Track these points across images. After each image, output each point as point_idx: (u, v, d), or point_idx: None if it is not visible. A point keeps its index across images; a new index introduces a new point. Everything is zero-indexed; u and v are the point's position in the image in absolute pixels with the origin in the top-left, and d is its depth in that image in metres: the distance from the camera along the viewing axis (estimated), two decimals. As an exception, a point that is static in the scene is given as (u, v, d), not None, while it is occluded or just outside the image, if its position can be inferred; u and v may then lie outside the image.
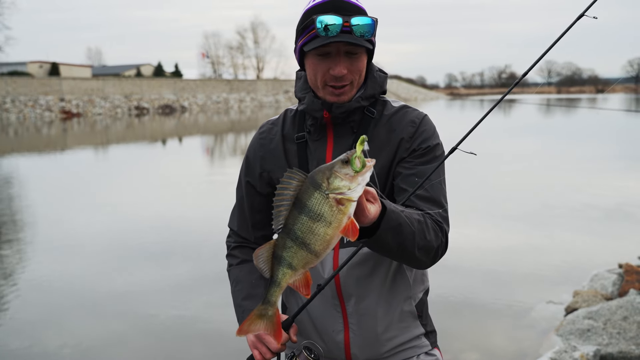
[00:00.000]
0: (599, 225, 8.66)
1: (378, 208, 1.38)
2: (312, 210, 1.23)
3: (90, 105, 49.49)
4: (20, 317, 5.45)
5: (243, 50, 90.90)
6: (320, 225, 1.23)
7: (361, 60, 1.67)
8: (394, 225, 1.44)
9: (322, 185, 1.23)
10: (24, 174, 15.75)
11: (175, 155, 21.16)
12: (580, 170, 14.43)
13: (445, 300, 5.54)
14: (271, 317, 1.43)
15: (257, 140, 1.86)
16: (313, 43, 1.61)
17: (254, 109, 58.50)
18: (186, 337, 4.94)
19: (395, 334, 1.76)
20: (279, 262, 1.30)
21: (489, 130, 28.21)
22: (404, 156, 1.70)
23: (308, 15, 1.64)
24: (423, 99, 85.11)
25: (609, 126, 28.68)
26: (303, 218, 1.24)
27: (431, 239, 1.57)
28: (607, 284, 5.64)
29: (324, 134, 1.75)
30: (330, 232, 1.24)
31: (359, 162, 1.23)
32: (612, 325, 4.46)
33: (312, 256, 1.28)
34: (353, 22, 1.59)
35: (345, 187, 1.22)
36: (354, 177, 1.23)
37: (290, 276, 1.31)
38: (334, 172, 1.23)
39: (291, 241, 1.27)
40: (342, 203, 1.23)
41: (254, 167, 1.84)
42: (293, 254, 1.27)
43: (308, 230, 1.24)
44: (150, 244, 7.89)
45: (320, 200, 1.23)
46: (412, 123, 1.73)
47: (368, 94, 1.72)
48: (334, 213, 1.23)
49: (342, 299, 1.73)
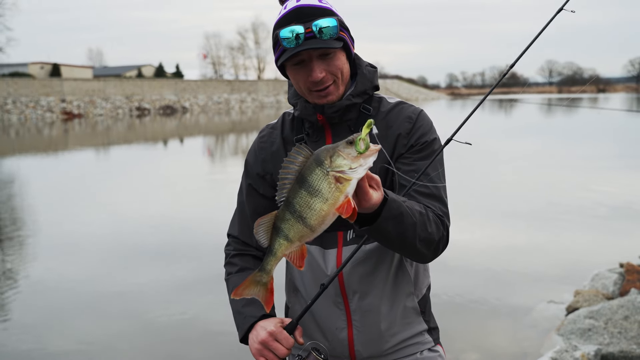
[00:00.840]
0: (600, 225, 8.66)
1: (380, 196, 1.40)
2: (312, 185, 1.26)
3: (91, 106, 49.53)
4: (22, 317, 5.46)
5: (244, 51, 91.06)
6: (317, 201, 1.27)
7: (337, 58, 1.66)
8: (395, 214, 1.46)
9: (325, 162, 1.27)
10: (25, 174, 15.77)
11: (176, 156, 21.17)
12: (581, 169, 14.42)
13: (446, 300, 5.55)
14: (265, 284, 1.47)
15: (257, 144, 1.87)
16: (283, 57, 1.63)
17: (255, 110, 58.52)
18: (188, 337, 4.94)
19: (399, 330, 1.77)
20: (277, 233, 1.34)
21: (491, 130, 28.22)
22: (402, 152, 1.71)
23: (274, 31, 1.67)
24: (424, 99, 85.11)
25: (610, 126, 28.66)
26: (302, 192, 1.28)
27: (432, 231, 1.58)
28: (608, 283, 5.64)
29: (322, 135, 1.76)
30: (325, 208, 1.27)
31: (362, 144, 1.25)
32: (613, 324, 4.46)
33: (307, 230, 1.31)
34: (314, 27, 1.59)
35: (346, 165, 1.25)
36: (356, 158, 1.25)
37: (286, 247, 1.35)
38: (337, 151, 1.26)
39: (289, 214, 1.30)
40: (340, 181, 1.25)
41: (255, 170, 1.85)
42: (290, 226, 1.31)
43: (305, 205, 1.28)
44: (152, 244, 7.90)
45: (320, 176, 1.26)
46: (409, 119, 1.74)
47: (359, 90, 1.73)
48: (331, 190, 1.26)
49: (346, 296, 1.74)
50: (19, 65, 64.05)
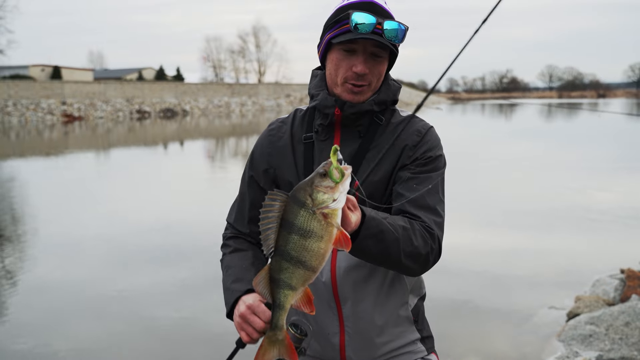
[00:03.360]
0: (600, 230, 8.64)
1: (359, 215, 1.40)
2: (302, 228, 1.23)
3: (91, 108, 49.55)
4: (22, 319, 5.44)
5: (245, 54, 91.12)
6: (312, 241, 1.24)
7: (383, 64, 1.72)
8: (374, 232, 1.45)
9: (306, 202, 1.24)
10: (26, 177, 15.75)
11: (176, 159, 21.17)
12: (582, 174, 14.41)
13: (446, 305, 5.52)
14: (282, 341, 1.43)
15: (265, 137, 1.88)
16: (343, 36, 1.64)
17: (256, 113, 58.55)
18: (188, 339, 4.93)
19: (391, 339, 1.76)
20: (278, 285, 1.30)
21: (491, 134, 28.22)
22: (406, 163, 1.73)
23: (342, 11, 1.68)
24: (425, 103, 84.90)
25: (610, 130, 28.67)
26: (294, 237, 1.25)
27: (418, 245, 1.57)
28: (609, 289, 5.62)
29: (331, 135, 1.76)
30: (323, 246, 1.25)
31: (337, 173, 1.23)
32: (614, 330, 4.44)
33: (309, 272, 1.28)
34: (386, 24, 1.63)
35: (330, 199, 1.23)
36: (335, 188, 1.23)
37: (292, 297, 1.32)
38: (315, 187, 1.23)
39: (286, 262, 1.27)
40: (328, 216, 1.23)
41: (259, 162, 1.85)
42: (290, 274, 1.28)
43: (301, 248, 1.25)
44: (152, 247, 7.89)
45: (307, 217, 1.23)
46: (418, 132, 1.76)
47: (380, 99, 1.76)
48: (323, 227, 1.23)
49: (339, 302, 1.74)
50: (20, 67, 64.09)
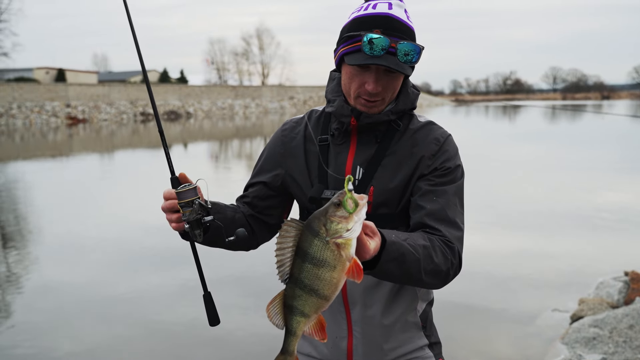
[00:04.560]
0: (604, 232, 8.62)
1: (378, 241, 1.38)
2: (315, 257, 1.24)
3: (96, 111, 49.68)
4: (27, 321, 5.46)
5: (248, 57, 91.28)
6: (325, 271, 1.25)
7: (398, 80, 1.69)
8: (396, 256, 1.45)
9: (320, 231, 1.24)
10: (30, 179, 15.80)
11: (180, 161, 21.20)
12: (586, 176, 14.37)
13: (450, 307, 5.51)
14: None
15: (279, 136, 1.87)
16: (355, 57, 1.61)
17: (259, 115, 58.59)
18: (192, 341, 4.93)
19: (399, 344, 1.76)
20: (291, 311, 1.31)
21: (495, 136, 28.18)
22: (425, 173, 1.70)
23: (356, 23, 1.64)
24: (428, 105, 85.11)
25: (615, 132, 28.59)
26: (307, 266, 1.26)
27: (439, 262, 1.56)
28: (612, 291, 5.60)
29: (348, 139, 1.75)
30: (336, 276, 1.26)
31: (351, 203, 1.23)
32: (618, 333, 4.43)
33: (322, 301, 1.29)
34: (400, 47, 1.59)
35: (343, 229, 1.23)
36: (350, 218, 1.23)
37: (304, 323, 1.33)
38: (329, 217, 1.24)
39: (300, 290, 1.28)
40: (342, 246, 1.24)
41: (270, 165, 1.86)
42: (304, 301, 1.29)
43: (315, 277, 1.26)
44: (156, 249, 7.89)
45: (321, 246, 1.24)
46: (436, 141, 1.73)
47: (399, 109, 1.74)
48: (336, 257, 1.24)
49: (348, 306, 1.74)
50: (24, 70, 64.32)
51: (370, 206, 1.68)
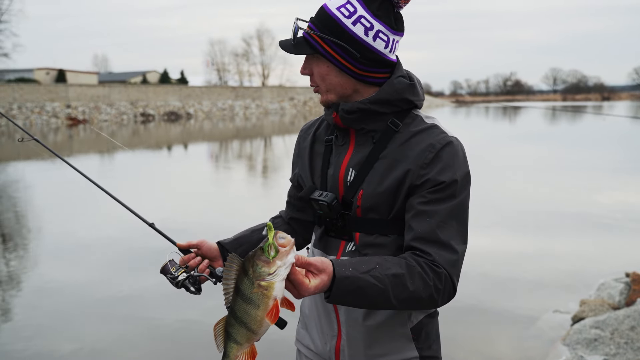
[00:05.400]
0: (605, 233, 8.61)
1: (325, 278, 1.40)
2: (244, 294, 1.34)
3: (96, 111, 49.69)
4: (27, 321, 5.46)
5: (248, 58, 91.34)
6: (251, 308, 1.34)
7: (318, 65, 1.66)
8: (350, 289, 1.43)
9: (249, 272, 1.33)
10: (31, 179, 15.80)
11: (180, 162, 21.20)
12: (587, 177, 14.37)
13: (451, 308, 5.46)
14: None
15: (298, 137, 1.95)
16: None
17: (259, 116, 58.60)
18: (192, 341, 4.93)
19: (385, 352, 1.71)
20: (228, 337, 1.43)
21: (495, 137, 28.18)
22: (416, 183, 1.59)
23: None
24: (428, 106, 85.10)
25: (615, 133, 28.59)
26: (239, 300, 1.36)
27: (416, 289, 1.49)
28: (614, 293, 5.59)
29: (348, 139, 1.73)
30: (260, 314, 1.34)
31: (272, 250, 1.30)
32: (619, 335, 4.42)
33: (251, 334, 1.39)
34: (295, 28, 1.65)
35: (265, 272, 1.31)
36: (272, 263, 1.30)
37: (237, 349, 1.43)
38: (255, 260, 1.32)
39: (234, 320, 1.39)
40: (264, 287, 1.32)
41: (293, 165, 1.96)
42: (237, 331, 1.40)
43: (244, 312, 1.36)
44: (156, 248, 7.88)
45: (248, 285, 1.33)
46: (431, 147, 1.59)
47: (378, 98, 1.64)
48: (259, 297, 1.33)
49: (336, 306, 1.73)
50: (25, 70, 64.36)
51: (359, 210, 1.66)
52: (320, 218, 1.76)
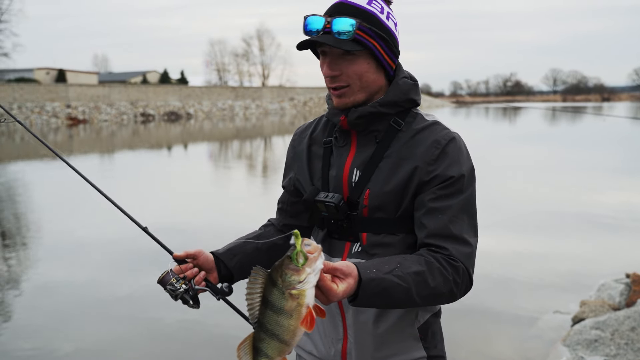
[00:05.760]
0: (606, 234, 8.61)
1: (352, 282, 1.39)
2: (275, 305, 1.32)
3: (96, 111, 49.69)
4: (27, 321, 5.45)
5: (248, 58, 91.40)
6: (283, 318, 1.32)
7: (357, 63, 1.60)
8: (377, 291, 1.44)
9: (278, 282, 1.31)
10: (31, 179, 15.80)
11: (180, 162, 21.20)
12: (587, 177, 14.37)
13: (451, 308, 5.47)
14: None
15: (292, 141, 1.92)
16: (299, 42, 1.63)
17: (259, 116, 58.61)
18: (193, 341, 4.92)
19: (393, 353, 1.71)
20: (258, 353, 1.40)
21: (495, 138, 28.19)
22: (425, 179, 1.60)
23: None
24: (428, 107, 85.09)
25: (615, 134, 28.59)
26: (269, 312, 1.33)
27: (437, 284, 1.52)
28: (614, 293, 5.59)
29: (348, 140, 1.72)
30: (293, 323, 1.32)
31: (301, 257, 1.29)
32: (619, 335, 4.42)
33: (284, 345, 1.36)
34: (334, 22, 1.56)
35: (295, 281, 1.29)
36: (302, 271, 1.29)
37: None
38: (283, 269, 1.30)
39: (264, 333, 1.36)
40: (296, 296, 1.30)
41: (287, 169, 1.92)
42: (267, 344, 1.37)
43: (275, 323, 1.33)
44: (157, 249, 7.87)
45: (278, 295, 1.31)
46: (437, 144, 1.62)
47: (387, 100, 1.65)
48: (291, 306, 1.31)
49: (342, 310, 1.72)
50: (25, 70, 64.36)
51: (366, 210, 1.65)
52: (324, 221, 1.74)
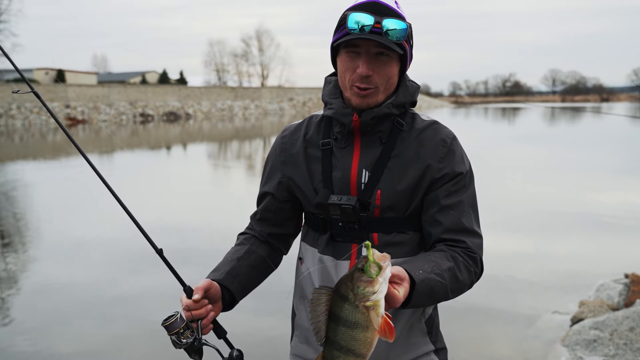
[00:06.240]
0: (605, 234, 8.62)
1: (407, 285, 1.40)
2: (348, 320, 1.30)
3: (95, 112, 49.67)
4: (27, 322, 5.45)
5: (248, 58, 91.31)
6: (358, 332, 1.30)
7: (390, 65, 1.63)
8: (425, 291, 1.47)
9: (349, 296, 1.29)
10: (30, 179, 15.79)
11: (180, 162, 21.20)
12: (586, 177, 14.39)
13: (450, 308, 5.49)
14: None
15: (279, 144, 1.84)
16: (343, 38, 1.61)
17: (259, 117, 58.58)
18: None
19: (404, 350, 1.73)
20: None
21: (495, 138, 28.20)
22: (436, 177, 1.66)
23: (345, 12, 1.64)
24: (427, 107, 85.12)
25: (614, 133, 28.61)
26: (342, 329, 1.31)
27: (464, 278, 1.60)
28: (613, 294, 5.60)
29: (351, 142, 1.71)
30: (370, 335, 1.31)
31: (374, 268, 1.27)
32: (618, 336, 4.43)
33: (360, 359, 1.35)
34: (385, 23, 1.58)
35: (370, 292, 1.27)
36: (375, 281, 1.27)
37: None
38: (355, 283, 1.28)
39: (337, 351, 1.33)
40: (370, 308, 1.29)
41: (274, 174, 1.84)
42: None
43: (350, 338, 1.31)
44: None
45: (351, 310, 1.29)
46: (443, 142, 1.69)
47: (399, 102, 1.69)
48: (367, 318, 1.29)
49: None
50: (24, 70, 63.50)
51: (378, 210, 1.66)
52: (328, 223, 1.71)
